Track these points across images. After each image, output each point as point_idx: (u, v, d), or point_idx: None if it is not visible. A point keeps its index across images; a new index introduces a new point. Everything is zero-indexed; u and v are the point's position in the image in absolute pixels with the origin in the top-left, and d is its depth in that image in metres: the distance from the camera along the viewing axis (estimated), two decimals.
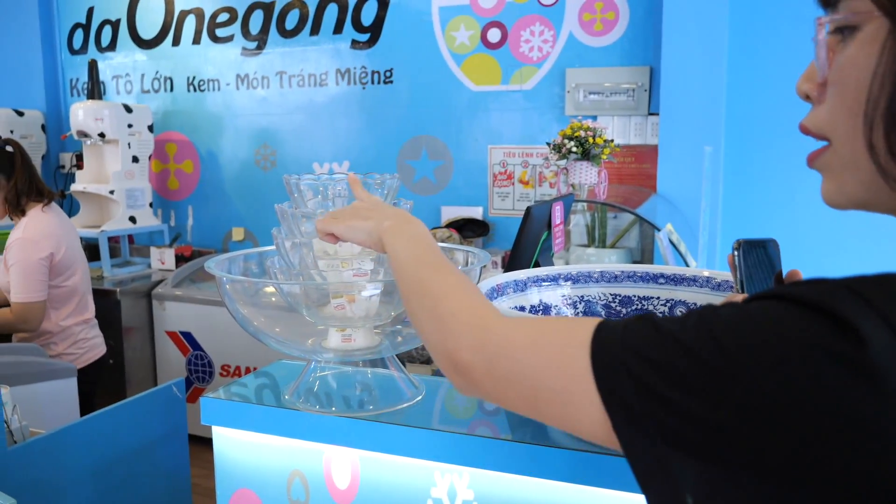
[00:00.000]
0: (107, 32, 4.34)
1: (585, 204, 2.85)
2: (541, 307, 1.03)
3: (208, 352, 3.56)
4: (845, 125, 0.55)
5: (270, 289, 0.96)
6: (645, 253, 2.97)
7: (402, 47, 3.69)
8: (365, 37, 3.77)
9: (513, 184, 3.56)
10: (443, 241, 3.29)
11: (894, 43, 0.50)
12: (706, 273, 1.01)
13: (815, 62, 0.59)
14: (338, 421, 0.93)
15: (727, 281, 0.99)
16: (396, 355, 1.04)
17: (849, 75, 0.54)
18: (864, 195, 0.57)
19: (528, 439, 0.86)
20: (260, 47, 3.99)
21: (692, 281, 1.02)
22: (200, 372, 3.60)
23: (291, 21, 3.90)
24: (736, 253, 0.78)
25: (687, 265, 2.18)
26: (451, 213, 3.62)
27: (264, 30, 3.96)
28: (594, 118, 3.32)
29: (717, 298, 1.00)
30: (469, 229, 3.49)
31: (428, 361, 3.34)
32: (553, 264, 1.44)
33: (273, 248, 0.97)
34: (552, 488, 0.87)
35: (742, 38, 2.99)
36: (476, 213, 3.60)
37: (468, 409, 0.99)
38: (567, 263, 2.84)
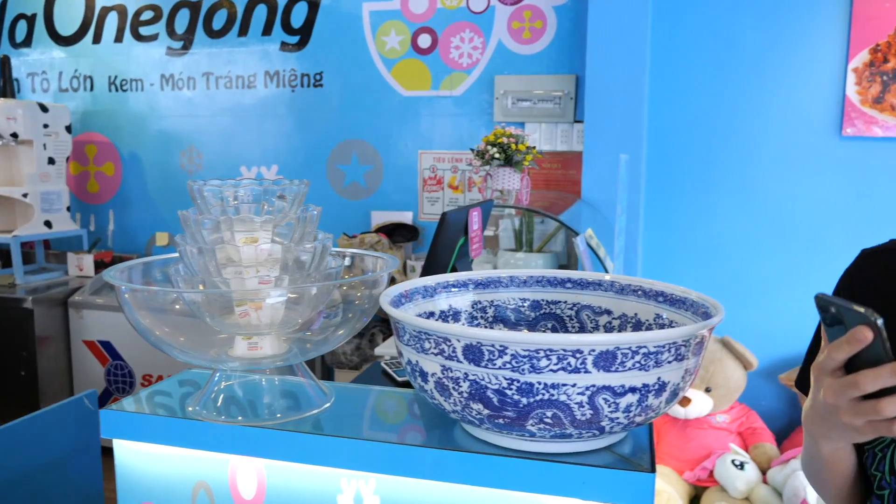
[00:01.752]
0: (21, 27, 4.19)
1: (514, 209, 2.88)
2: (450, 312, 1.04)
3: (129, 361, 3.46)
4: None
5: (174, 297, 0.94)
6: (571, 257, 3.02)
7: (332, 50, 3.67)
8: (294, 39, 3.73)
9: (442, 189, 3.57)
10: (372, 246, 3.29)
11: None
12: (608, 277, 1.03)
13: None
14: (244, 430, 0.92)
15: (630, 285, 1.02)
16: (306, 362, 1.03)
17: None
18: None
19: (433, 444, 0.86)
20: (186, 47, 3.91)
21: (597, 285, 1.04)
22: (120, 382, 3.49)
23: (219, 21, 3.84)
24: (879, 323, 0.70)
25: (605, 269, 2.23)
26: (380, 217, 3.62)
27: (190, 29, 3.88)
28: (522, 125, 3.36)
29: (621, 302, 1.02)
30: (399, 234, 3.49)
31: (357, 367, 3.32)
32: (472, 270, 1.45)
33: (177, 255, 0.95)
34: (459, 492, 0.87)
35: (663, 49, 3.08)
36: (406, 217, 3.60)
37: (376, 416, 0.99)
38: (495, 268, 2.87)
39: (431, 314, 1.01)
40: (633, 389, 0.74)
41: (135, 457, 0.99)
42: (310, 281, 0.92)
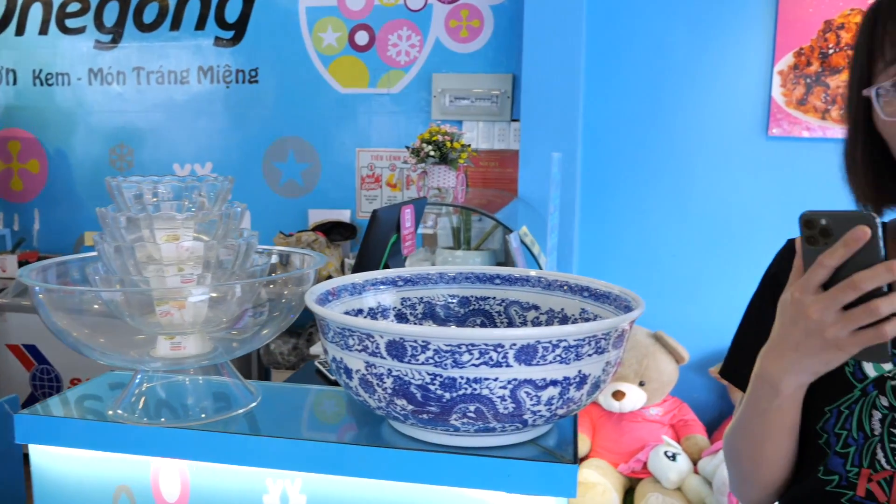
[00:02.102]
0: None
1: (452, 207, 2.89)
2: (379, 309, 1.03)
3: (55, 365, 3.35)
4: None
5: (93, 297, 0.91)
6: (508, 255, 3.04)
7: (267, 46, 3.62)
8: (229, 34, 3.66)
9: (380, 187, 3.56)
10: (309, 245, 3.25)
11: None
12: (535, 273, 1.05)
13: None
14: (167, 432, 0.90)
15: (556, 281, 1.03)
16: (237, 361, 1.01)
17: None
18: None
19: (359, 441, 0.86)
20: (115, 41, 3.80)
21: (525, 281, 1.06)
22: (47, 387, 3.38)
23: (150, 14, 3.74)
24: (877, 222, 0.72)
25: (539, 266, 2.26)
26: (318, 216, 3.58)
27: (120, 22, 3.77)
28: (460, 123, 3.37)
29: (548, 298, 1.04)
30: (337, 232, 3.46)
31: (294, 367, 3.29)
32: (404, 267, 1.45)
33: (95, 254, 0.93)
34: (386, 488, 0.88)
35: (598, 50, 3.13)
36: (344, 216, 3.57)
37: (303, 415, 0.98)
38: (433, 265, 2.87)
39: (360, 311, 1.01)
40: (554, 382, 0.76)
41: (52, 462, 0.96)
42: (234, 279, 0.91)
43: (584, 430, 3.11)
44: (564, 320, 1.02)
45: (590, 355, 0.77)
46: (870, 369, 0.86)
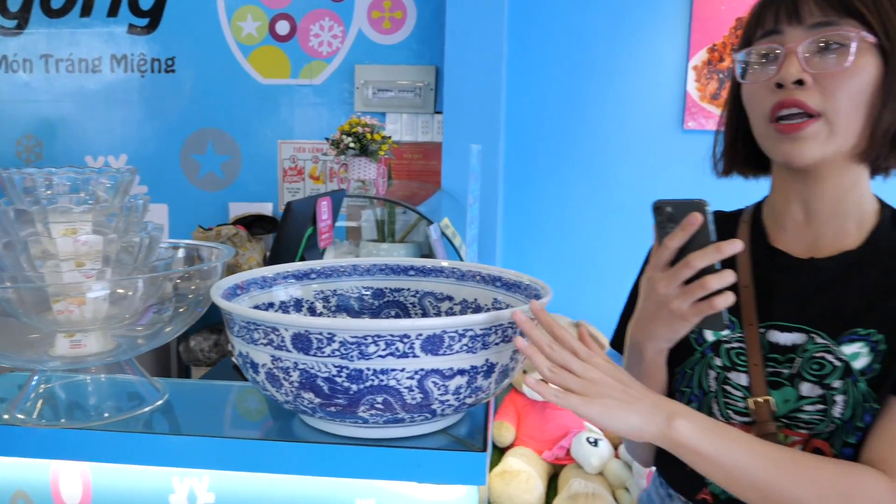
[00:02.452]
0: None
1: (376, 200, 2.88)
2: (291, 303, 1.02)
3: None
4: (843, 105, 0.82)
5: None
6: (431, 247, 3.05)
7: (184, 35, 3.52)
8: (143, 21, 3.54)
9: (303, 179, 3.52)
10: (229, 239, 3.19)
11: (881, 65, 0.82)
12: (448, 264, 1.05)
13: (799, 60, 0.83)
14: (66, 434, 0.87)
15: (469, 271, 1.04)
16: (135, 358, 0.98)
17: (852, 77, 0.81)
18: (830, 158, 0.85)
19: (267, 436, 0.85)
20: (21, 26, 3.62)
21: (438, 272, 1.06)
22: None
23: (58, 0, 3.58)
24: (709, 209, 0.82)
25: (460, 258, 2.27)
26: (239, 209, 3.51)
27: (25, 7, 3.60)
28: (383, 115, 3.36)
29: (461, 288, 1.05)
30: (259, 226, 3.40)
31: (215, 364, 3.22)
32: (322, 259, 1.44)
33: None
34: (296, 483, 0.87)
35: (520, 44, 3.16)
36: (266, 209, 3.51)
37: (212, 411, 0.96)
38: (358, 257, 2.85)
39: (271, 305, 0.99)
40: (461, 372, 0.76)
41: None
42: (137, 274, 0.88)
43: (509, 418, 3.15)
44: (478, 310, 1.03)
45: (497, 344, 0.78)
46: (709, 335, 0.97)
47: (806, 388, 0.87)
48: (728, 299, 0.81)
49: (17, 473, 0.89)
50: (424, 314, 1.07)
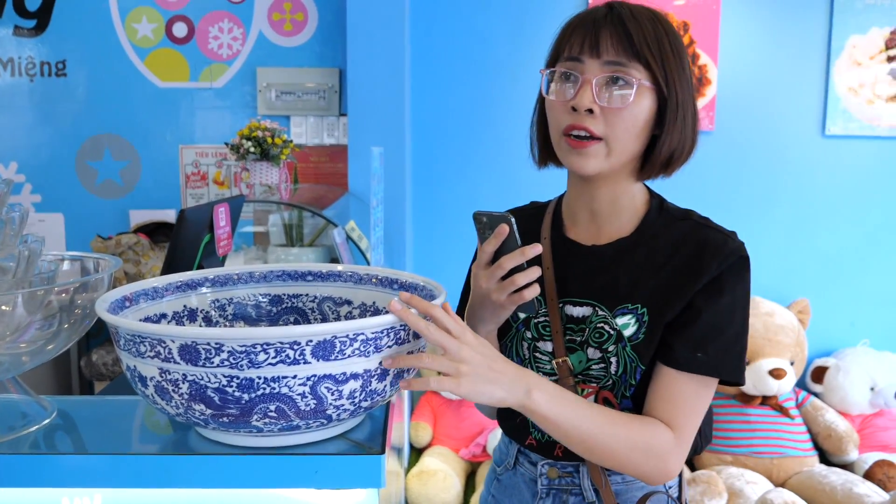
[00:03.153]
0: None
1: (283, 204, 2.84)
2: (185, 313, 1.00)
3: None
4: (621, 134, 1.01)
5: None
6: (336, 250, 3.04)
7: (75, 37, 3.38)
8: (31, 23, 3.39)
9: (207, 185, 3.44)
10: (130, 247, 3.08)
11: (655, 102, 1.02)
12: (343, 268, 1.06)
13: (592, 91, 1.00)
14: None
15: (367, 275, 1.05)
16: (40, 368, 0.95)
17: (630, 113, 1.00)
18: (608, 171, 1.04)
19: (160, 450, 0.83)
20: None
21: (336, 276, 1.07)
22: None
23: None
24: (514, 222, 1.00)
25: (367, 261, 2.28)
26: (140, 216, 3.40)
27: None
28: (287, 118, 3.32)
29: (359, 292, 1.05)
30: (161, 233, 3.30)
31: (115, 376, 3.10)
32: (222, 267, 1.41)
33: None
34: (193, 496, 0.85)
35: (423, 46, 3.18)
36: (168, 216, 3.41)
37: (105, 427, 0.94)
38: (265, 263, 2.81)
39: (163, 316, 0.97)
40: (355, 376, 0.77)
41: None
42: (16, 288, 0.85)
43: (425, 419, 3.17)
44: (377, 313, 1.04)
45: (390, 346, 0.79)
46: (521, 315, 1.15)
47: (591, 352, 1.08)
48: (534, 290, 1.00)
49: None
50: (324, 319, 1.07)
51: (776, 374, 2.88)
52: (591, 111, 1.00)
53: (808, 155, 3.24)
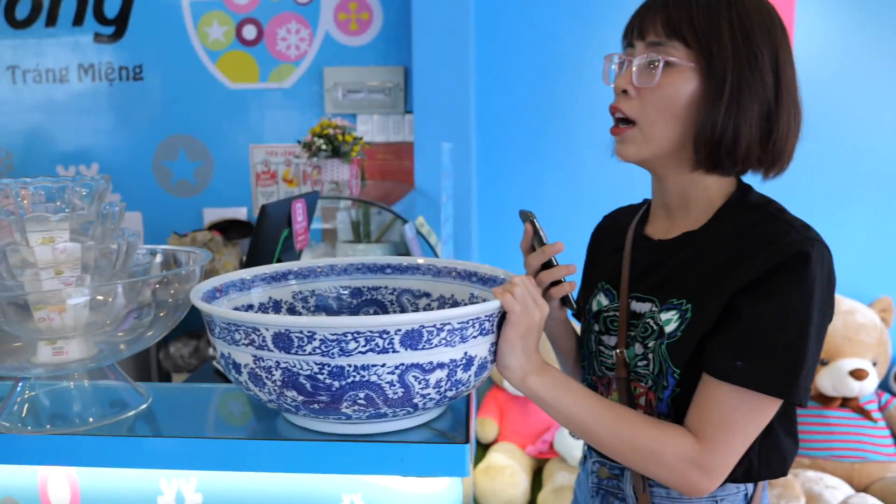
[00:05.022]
0: None
1: (350, 201, 2.89)
2: (270, 304, 1.03)
3: None
4: (654, 116, 0.96)
5: None
6: (407, 246, 3.07)
7: (151, 42, 3.50)
8: (109, 30, 3.52)
9: (277, 183, 3.51)
10: (205, 245, 3.18)
11: (700, 83, 0.94)
12: (423, 261, 1.07)
13: (632, 72, 0.97)
14: (52, 439, 0.87)
15: (445, 268, 1.06)
16: (122, 361, 0.99)
17: (660, 93, 0.95)
18: (650, 157, 1.00)
19: (251, 435, 0.86)
20: None
21: (415, 269, 1.08)
22: None
23: (22, 10, 3.55)
24: (536, 219, 1.02)
25: (436, 255, 2.29)
26: (213, 214, 3.50)
27: None
28: (354, 117, 3.37)
29: (438, 284, 1.07)
30: (234, 231, 3.39)
31: (194, 370, 3.21)
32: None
33: None
34: (283, 480, 0.88)
35: (488, 41, 3.19)
36: (240, 213, 3.51)
37: (196, 413, 0.98)
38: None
39: (250, 307, 1.01)
40: (441, 365, 0.78)
41: None
42: (115, 280, 0.89)
43: (491, 415, 3.17)
44: (455, 305, 1.05)
45: (475, 337, 0.80)
46: (594, 305, 1.13)
47: (637, 348, 1.03)
48: (562, 289, 1.02)
49: (6, 480, 0.90)
50: (402, 311, 1.09)
51: (857, 374, 2.79)
52: (625, 92, 0.99)
53: (891, 147, 3.12)
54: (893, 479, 2.67)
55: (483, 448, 3.15)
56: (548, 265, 1.01)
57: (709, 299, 0.93)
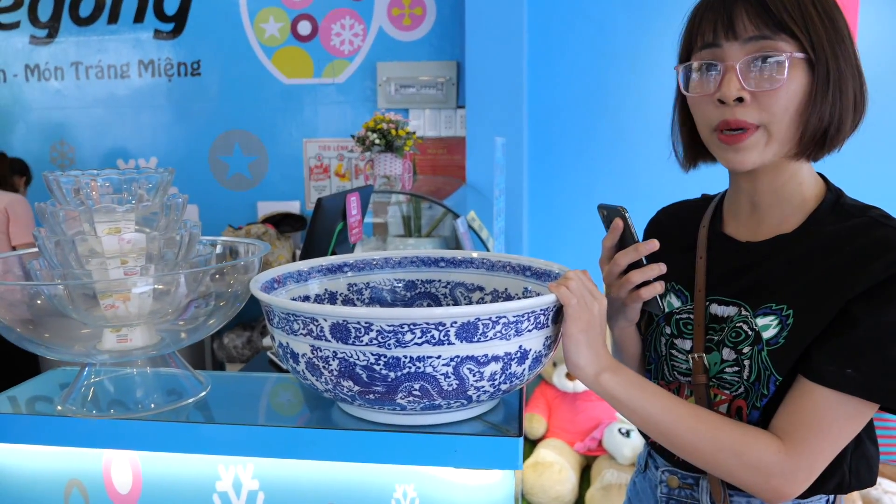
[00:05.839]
0: None
1: (402, 195, 2.91)
2: (326, 296, 1.05)
3: None
4: (781, 117, 0.90)
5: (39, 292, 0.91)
6: (459, 240, 3.08)
7: (208, 38, 3.57)
8: (169, 27, 3.60)
9: (329, 177, 3.55)
10: (259, 237, 3.23)
11: (810, 75, 0.89)
12: (478, 255, 1.07)
13: (738, 77, 0.90)
14: (117, 424, 0.90)
15: (499, 262, 1.06)
16: (178, 351, 1.02)
17: (785, 91, 0.89)
18: (770, 161, 0.93)
19: (308, 424, 0.87)
20: (51, 35, 3.70)
21: (468, 263, 1.08)
22: None
23: (86, 8, 3.66)
24: (628, 216, 0.96)
25: (487, 249, 2.29)
26: (267, 208, 3.56)
27: (55, 16, 3.68)
28: (406, 111, 3.38)
29: (492, 278, 1.07)
30: (287, 224, 3.45)
31: (248, 361, 3.27)
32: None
33: (35, 250, 0.92)
34: (338, 469, 0.89)
35: (540, 35, 3.17)
36: (293, 207, 3.56)
37: (253, 401, 1.00)
38: None
39: (306, 298, 1.02)
40: (496, 358, 0.78)
41: (2, 459, 0.96)
42: (178, 270, 0.92)
43: (540, 410, 3.16)
44: (508, 299, 1.05)
45: (529, 331, 0.80)
46: (665, 307, 1.07)
47: (726, 353, 0.98)
48: (654, 289, 0.96)
49: (71, 463, 0.93)
50: (456, 304, 1.10)
51: None
52: (741, 99, 0.90)
53: None
54: None
55: (531, 444, 3.14)
56: (636, 265, 0.95)
57: (815, 305, 0.90)
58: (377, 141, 2.47)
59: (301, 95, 3.52)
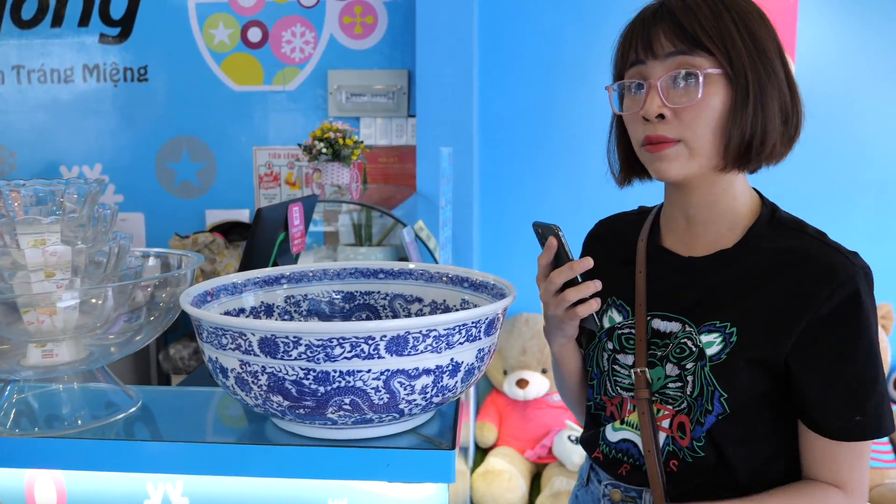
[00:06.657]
0: None
1: (353, 204, 2.89)
2: (262, 308, 1.04)
3: None
4: (701, 132, 0.93)
5: None
6: (405, 249, 3.07)
7: (156, 43, 3.51)
8: (115, 31, 3.53)
9: (279, 185, 3.52)
10: (206, 246, 3.18)
11: (729, 89, 0.92)
12: (413, 266, 1.07)
13: (659, 94, 0.93)
14: (39, 442, 0.88)
15: (438, 273, 1.06)
16: (123, 363, 0.99)
17: (704, 107, 0.92)
18: (696, 173, 0.96)
19: (239, 440, 0.86)
20: None
21: (407, 274, 1.08)
22: None
23: (28, 10, 3.56)
24: (562, 234, 0.96)
25: (435, 260, 2.30)
26: (215, 216, 3.51)
27: None
28: (357, 120, 3.37)
29: (430, 290, 1.07)
30: (236, 233, 3.40)
31: (191, 370, 3.21)
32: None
33: None
34: (270, 485, 0.88)
35: (491, 46, 3.19)
36: (242, 215, 3.51)
37: (186, 417, 0.98)
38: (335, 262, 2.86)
39: (241, 311, 1.01)
40: (427, 371, 0.78)
41: None
42: (105, 283, 0.90)
43: (491, 419, 3.17)
44: (447, 310, 1.05)
45: (461, 343, 0.80)
46: (606, 322, 1.09)
47: (669, 368, 1.00)
48: (590, 307, 0.97)
49: None
50: (395, 316, 1.09)
51: None
52: (662, 116, 0.93)
53: (891, 155, 3.11)
54: (891, 485, 2.66)
55: (482, 452, 3.15)
56: (572, 282, 0.96)
57: (760, 326, 0.93)
58: (324, 150, 2.45)
59: (251, 102, 3.48)
